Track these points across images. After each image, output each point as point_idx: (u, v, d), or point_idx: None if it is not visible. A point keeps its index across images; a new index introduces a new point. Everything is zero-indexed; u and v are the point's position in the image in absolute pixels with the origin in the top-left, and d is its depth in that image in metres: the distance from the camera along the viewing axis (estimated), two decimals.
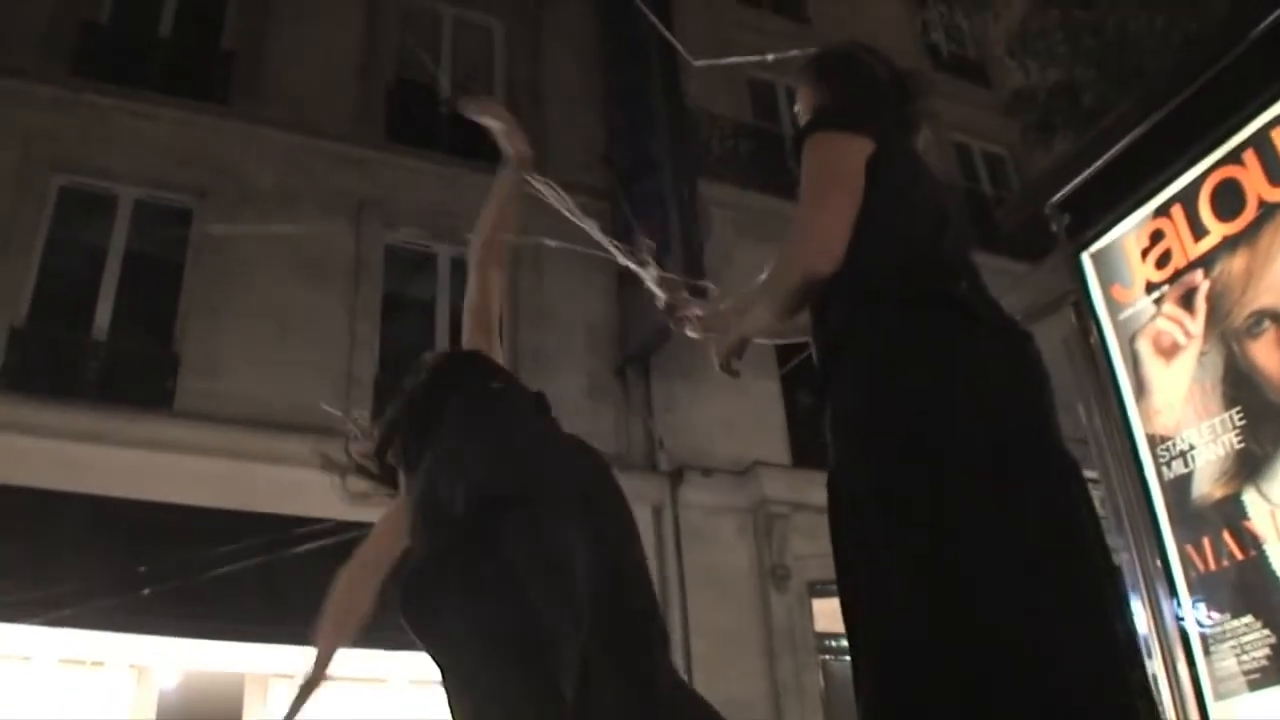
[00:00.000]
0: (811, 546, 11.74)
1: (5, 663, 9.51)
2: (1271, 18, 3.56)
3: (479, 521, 2.37)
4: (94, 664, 9.86)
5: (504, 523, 2.35)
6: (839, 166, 2.44)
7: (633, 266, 3.07)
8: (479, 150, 13.22)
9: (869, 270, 2.35)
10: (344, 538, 10.20)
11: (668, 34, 10.71)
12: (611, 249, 3.14)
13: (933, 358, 2.23)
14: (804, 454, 12.66)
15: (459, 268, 12.50)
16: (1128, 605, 2.25)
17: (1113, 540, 3.95)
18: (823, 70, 2.90)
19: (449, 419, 2.70)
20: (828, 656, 11.78)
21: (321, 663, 2.99)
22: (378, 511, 3.07)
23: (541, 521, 2.35)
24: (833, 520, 2.31)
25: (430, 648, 2.45)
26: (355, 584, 2.95)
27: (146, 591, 9.32)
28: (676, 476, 11.73)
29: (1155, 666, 3.67)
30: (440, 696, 2.39)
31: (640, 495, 11.57)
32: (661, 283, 3.10)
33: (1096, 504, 2.29)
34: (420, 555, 2.58)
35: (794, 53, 3.06)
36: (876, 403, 2.23)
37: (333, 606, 2.98)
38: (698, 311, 3.03)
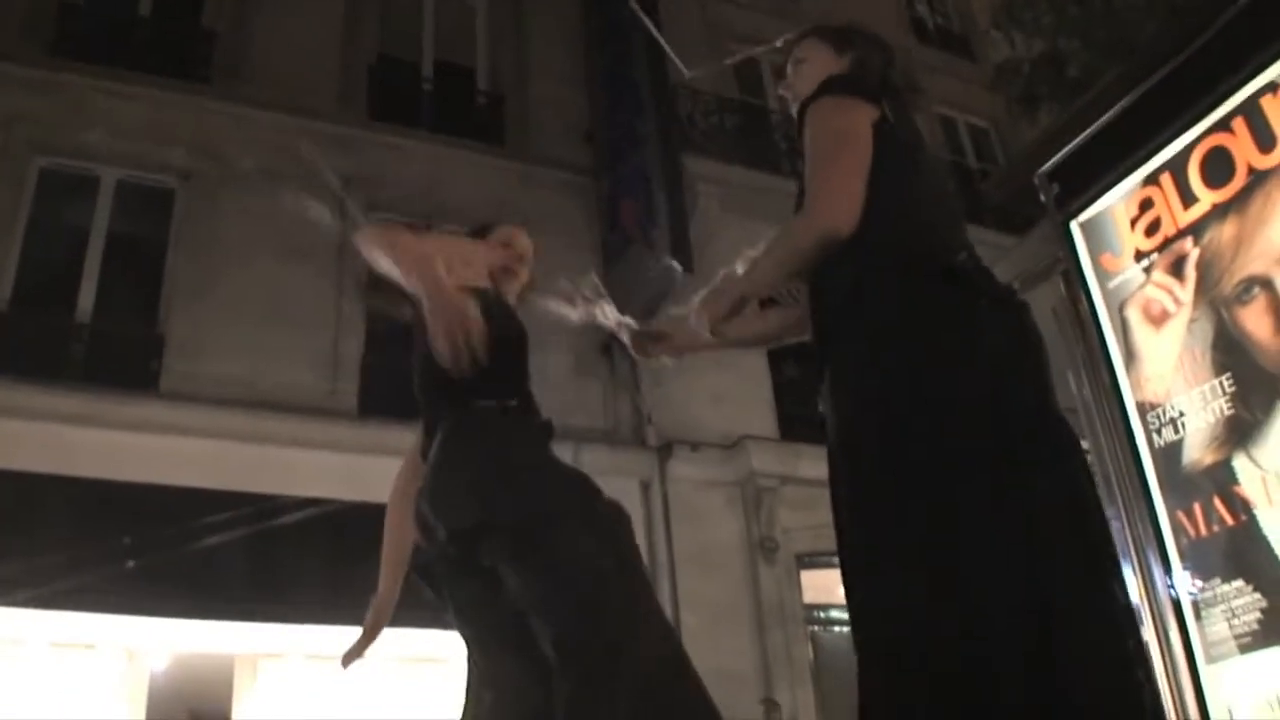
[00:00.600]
0: (800, 519, 11.79)
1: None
2: None
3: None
4: (85, 646, 9.86)
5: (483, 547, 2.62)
6: (848, 129, 2.48)
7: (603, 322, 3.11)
8: (462, 127, 13.23)
9: (874, 239, 2.37)
10: (331, 515, 10.25)
11: (661, 40, 10.69)
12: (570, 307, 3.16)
13: (937, 329, 2.26)
14: (792, 427, 12.70)
15: None
16: (1123, 575, 2.26)
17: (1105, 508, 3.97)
18: (833, 40, 2.91)
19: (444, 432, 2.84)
20: (816, 628, 11.84)
21: (384, 605, 3.12)
22: (368, 490, 3.18)
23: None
24: (835, 485, 2.32)
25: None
26: (396, 522, 3.08)
27: (135, 573, 9.32)
28: (665, 451, 11.74)
29: (1147, 632, 3.69)
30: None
31: (628, 470, 11.60)
32: (620, 328, 3.15)
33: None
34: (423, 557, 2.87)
35: (782, 39, 3.04)
36: (882, 373, 2.25)
37: (387, 549, 3.12)
38: (662, 347, 3.18)
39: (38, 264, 10.59)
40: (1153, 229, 3.91)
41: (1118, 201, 4.06)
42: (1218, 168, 3.70)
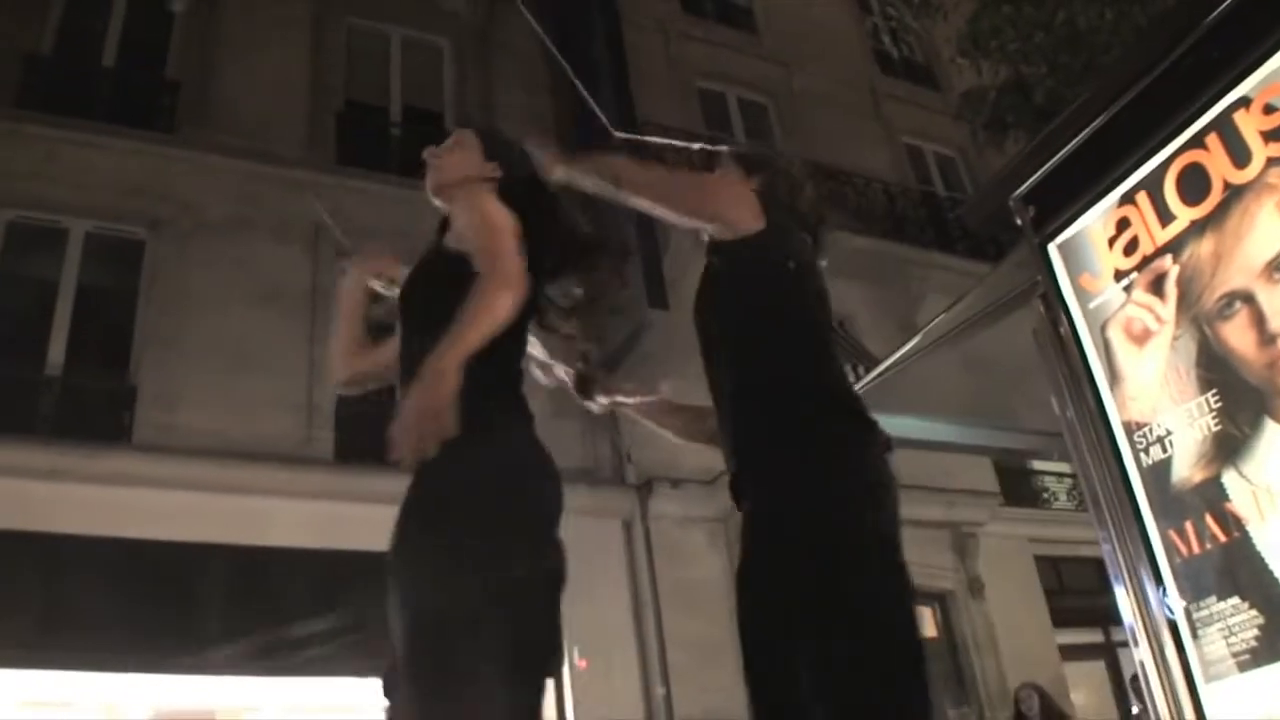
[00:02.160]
0: None
1: None
2: (1227, 1, 3.57)
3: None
4: (62, 705, 9.70)
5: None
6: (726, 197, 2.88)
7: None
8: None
9: (791, 381, 2.65)
10: (310, 565, 10.15)
11: (590, 99, 10.70)
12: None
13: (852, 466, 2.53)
14: None
15: None
16: None
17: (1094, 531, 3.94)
18: (751, 166, 3.10)
19: None
20: None
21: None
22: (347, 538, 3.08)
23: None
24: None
25: None
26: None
27: (112, 629, 9.19)
28: (645, 489, 11.69)
29: (1143, 654, 3.66)
30: None
31: (610, 510, 11.55)
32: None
33: None
34: None
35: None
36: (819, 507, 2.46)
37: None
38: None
39: (6, 317, 10.50)
40: (1131, 248, 3.90)
41: (1095, 221, 4.05)
42: (1194, 184, 3.70)
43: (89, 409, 10.32)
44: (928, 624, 13.01)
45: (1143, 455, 3.77)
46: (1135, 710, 10.15)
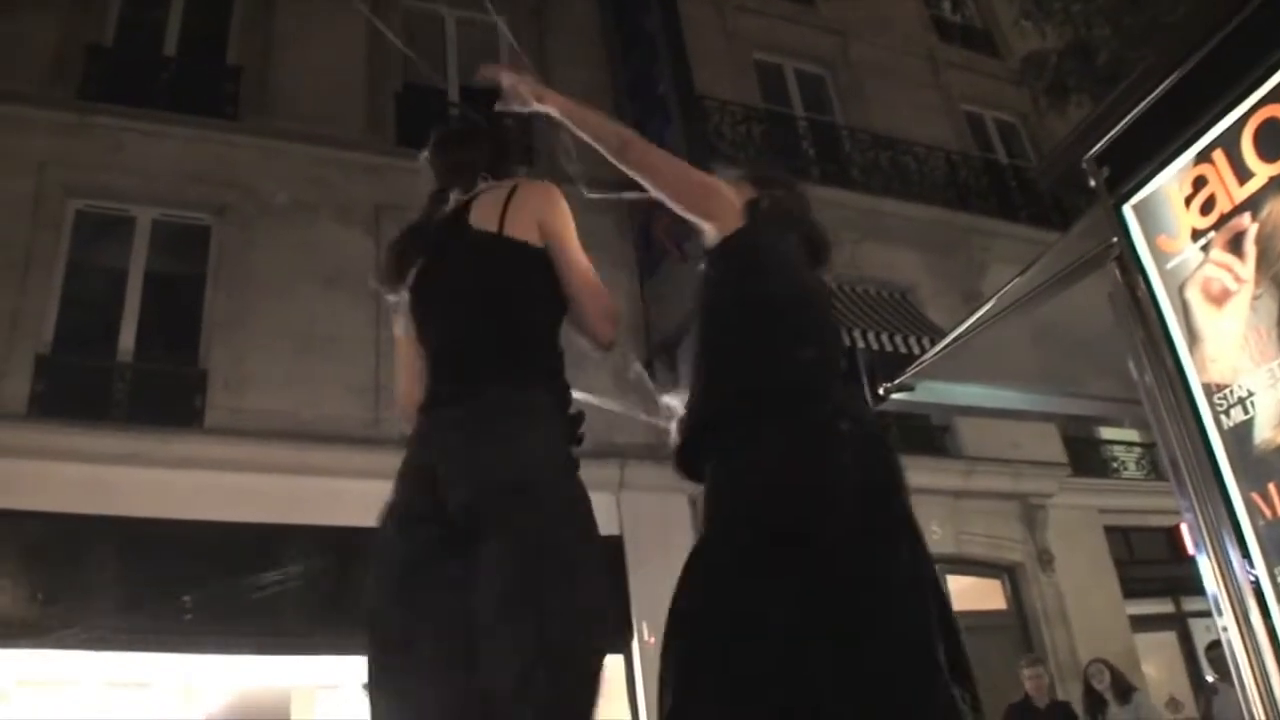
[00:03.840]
0: None
1: (53, 687, 9.53)
2: None
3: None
4: (139, 685, 9.88)
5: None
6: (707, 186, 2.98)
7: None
8: None
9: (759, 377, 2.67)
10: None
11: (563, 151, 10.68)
12: None
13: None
14: None
15: None
16: None
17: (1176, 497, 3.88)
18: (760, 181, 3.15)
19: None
20: None
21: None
22: None
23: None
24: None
25: None
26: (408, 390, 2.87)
27: (188, 610, 9.34)
28: None
29: (1227, 622, 3.59)
30: None
31: (676, 485, 11.45)
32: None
33: None
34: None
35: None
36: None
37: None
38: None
39: (77, 306, 10.66)
40: (1208, 206, 3.82)
41: (1170, 181, 3.97)
42: (1272, 140, 3.61)
43: (161, 394, 10.47)
44: (997, 596, 12.92)
45: (1223, 418, 3.70)
46: (1211, 679, 10.02)
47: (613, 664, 10.87)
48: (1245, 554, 3.56)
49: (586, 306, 2.71)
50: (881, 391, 5.76)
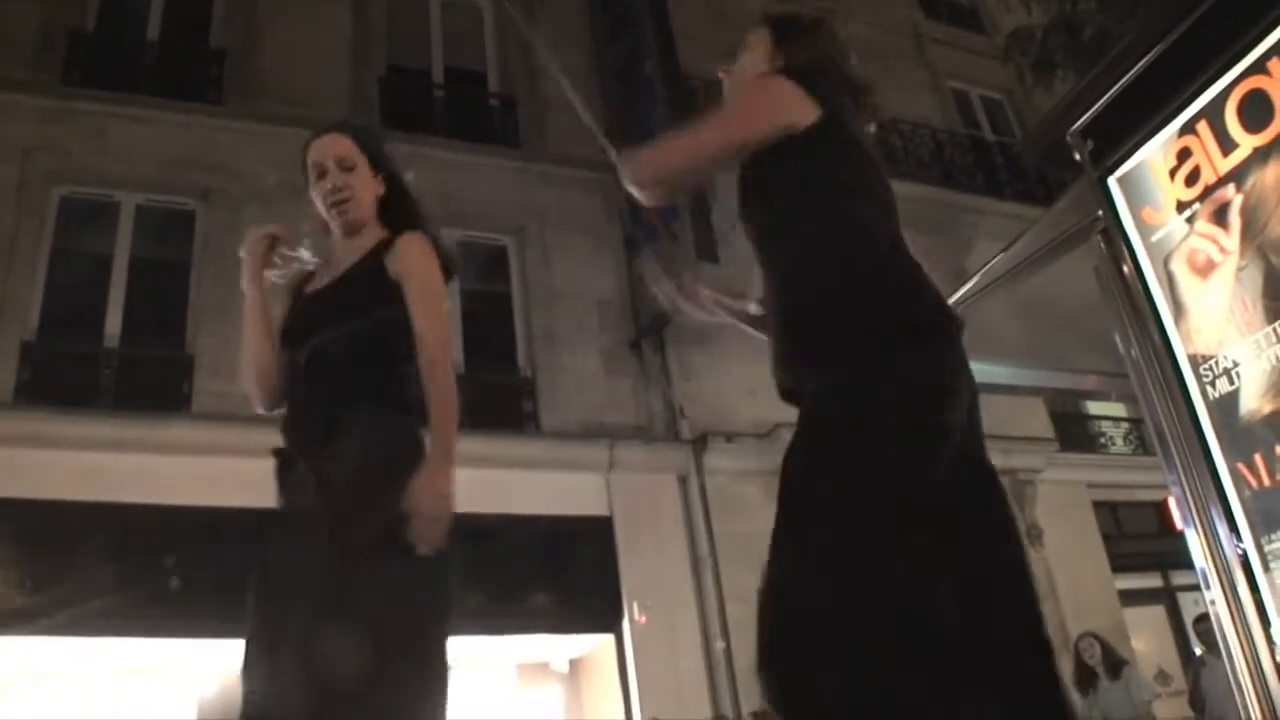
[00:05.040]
0: None
1: (43, 675, 9.53)
2: None
3: None
4: (130, 671, 9.88)
5: None
6: (749, 115, 2.60)
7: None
8: (476, 131, 13.20)
9: (826, 253, 2.46)
10: None
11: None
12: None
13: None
14: None
15: (466, 251, 12.47)
16: None
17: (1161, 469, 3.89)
18: (775, 28, 2.94)
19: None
20: None
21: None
22: None
23: None
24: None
25: None
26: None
27: (179, 595, 9.33)
28: (700, 444, 11.69)
29: (1214, 594, 3.61)
30: None
31: (665, 465, 11.57)
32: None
33: None
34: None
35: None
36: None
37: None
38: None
39: (63, 292, 10.63)
40: (1193, 178, 3.82)
41: (1155, 153, 3.97)
42: (1256, 111, 3.61)
43: (148, 380, 10.45)
44: None
45: (1209, 389, 3.71)
46: (1199, 652, 10.07)
47: (603, 644, 10.93)
48: (1233, 527, 3.57)
49: (435, 339, 2.84)
50: None
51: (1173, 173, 3.88)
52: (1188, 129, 3.85)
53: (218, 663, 9.87)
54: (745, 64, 2.90)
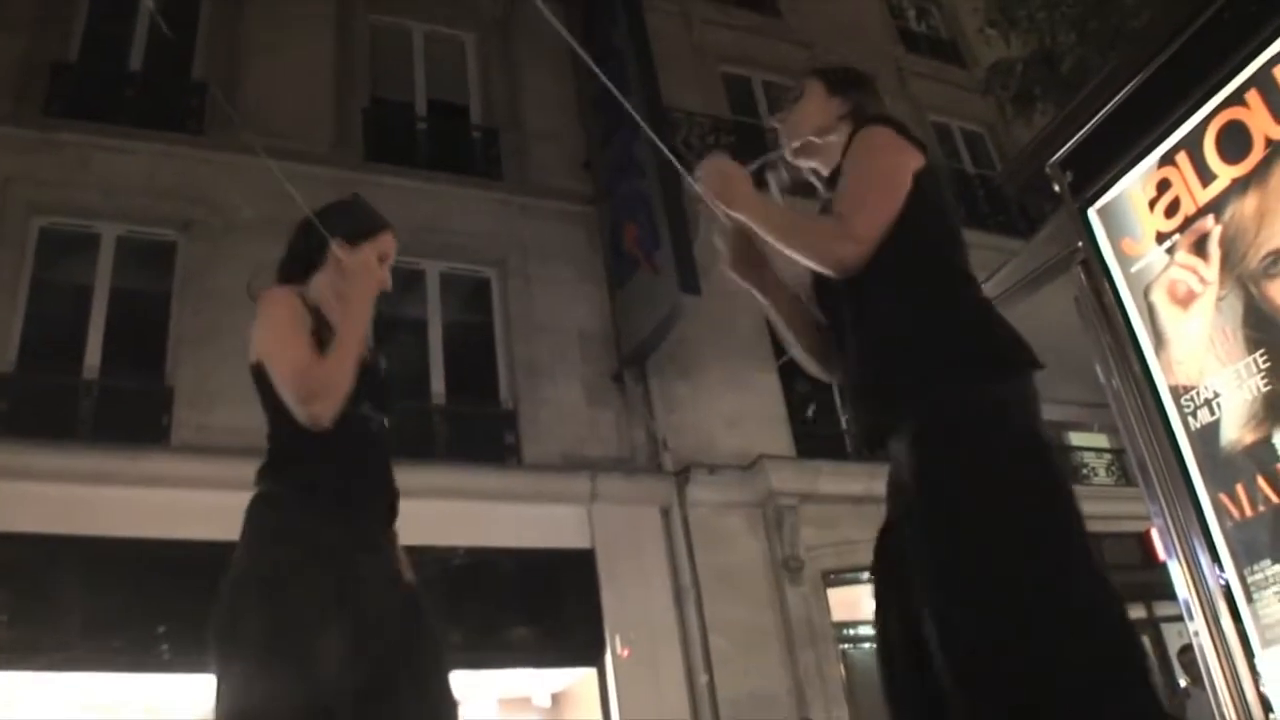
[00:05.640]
0: (823, 536, 11.69)
1: (19, 708, 9.41)
2: None
3: None
4: (110, 707, 9.76)
5: None
6: (899, 171, 2.56)
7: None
8: (458, 163, 13.22)
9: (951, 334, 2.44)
10: None
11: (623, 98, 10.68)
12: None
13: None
14: (808, 445, 12.63)
15: (448, 283, 12.46)
16: None
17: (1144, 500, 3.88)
18: (828, 81, 2.93)
19: None
20: (847, 645, 11.72)
21: None
22: None
23: None
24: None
25: None
26: None
27: (158, 630, 9.24)
28: (683, 476, 11.65)
29: (1198, 625, 3.60)
30: None
31: (647, 497, 11.53)
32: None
33: None
34: None
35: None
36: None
37: None
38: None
39: (42, 323, 10.54)
40: (1172, 209, 3.84)
41: (1134, 184, 3.99)
42: (1235, 142, 3.64)
43: (127, 411, 10.36)
44: None
45: (1190, 419, 3.71)
46: (1183, 684, 10.05)
47: (585, 678, 10.85)
48: (1215, 558, 3.57)
49: (286, 400, 2.80)
50: None
51: (1152, 204, 3.90)
52: (1167, 160, 3.87)
53: (196, 699, 9.77)
54: (802, 110, 2.91)
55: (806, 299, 2.81)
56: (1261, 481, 3.45)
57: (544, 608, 10.78)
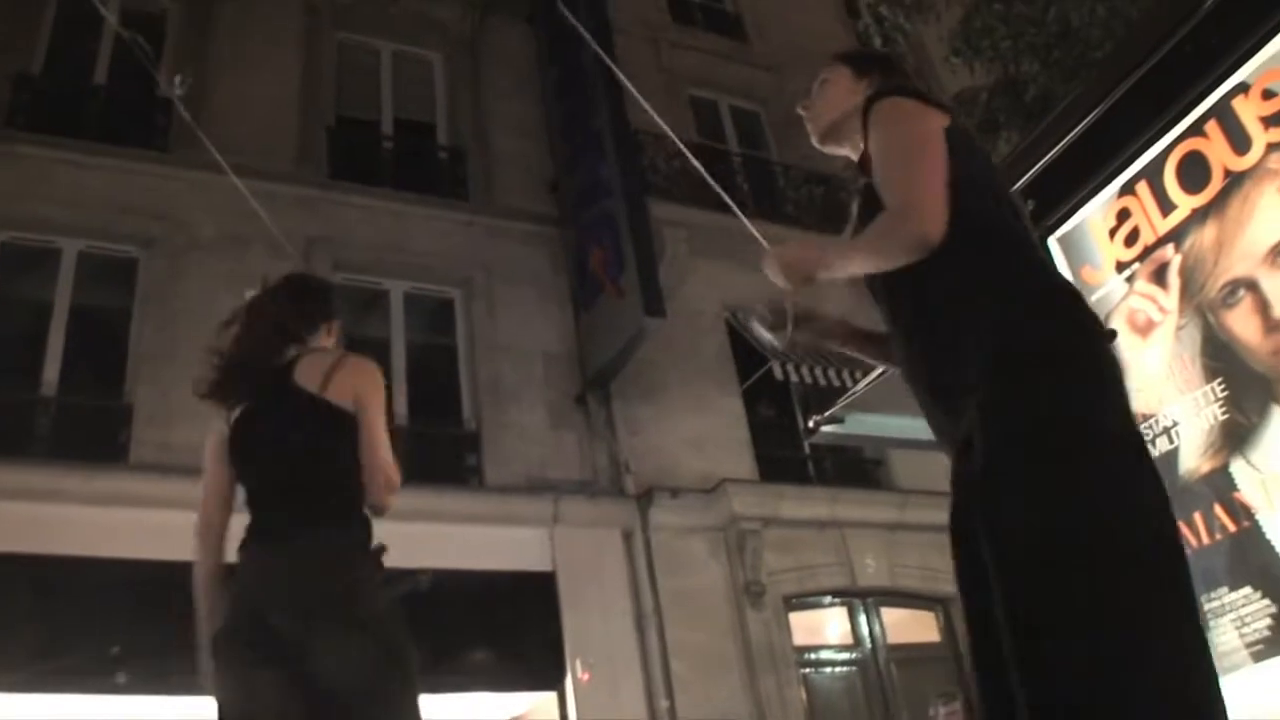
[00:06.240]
0: (785, 561, 11.70)
1: None
2: None
3: None
4: None
5: None
6: (929, 133, 2.40)
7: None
8: (424, 183, 13.19)
9: (987, 257, 2.32)
10: None
11: (621, 78, 10.68)
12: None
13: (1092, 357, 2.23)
14: (771, 469, 12.64)
15: (412, 303, 12.42)
16: None
17: None
18: (853, 64, 2.87)
19: None
20: (809, 670, 11.72)
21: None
22: None
23: None
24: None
25: None
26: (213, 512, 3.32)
27: (115, 651, 9.11)
28: (645, 499, 11.63)
29: None
30: None
31: (609, 521, 11.50)
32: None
33: None
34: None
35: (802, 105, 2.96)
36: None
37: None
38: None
39: (0, 338, 10.43)
40: (1132, 238, 3.87)
41: (1095, 213, 4.03)
42: (1194, 172, 3.68)
43: (85, 429, 10.26)
44: (931, 629, 12.97)
45: (1149, 448, 3.73)
46: None
47: (545, 702, 10.79)
48: None
49: (375, 476, 2.94)
50: (811, 424, 5.77)
51: (1112, 232, 3.93)
52: (1127, 189, 3.91)
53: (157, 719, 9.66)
54: (828, 95, 2.84)
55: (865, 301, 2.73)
56: (1219, 510, 3.48)
57: (504, 631, 10.71)
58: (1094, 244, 4.02)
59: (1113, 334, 2.31)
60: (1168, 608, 1.94)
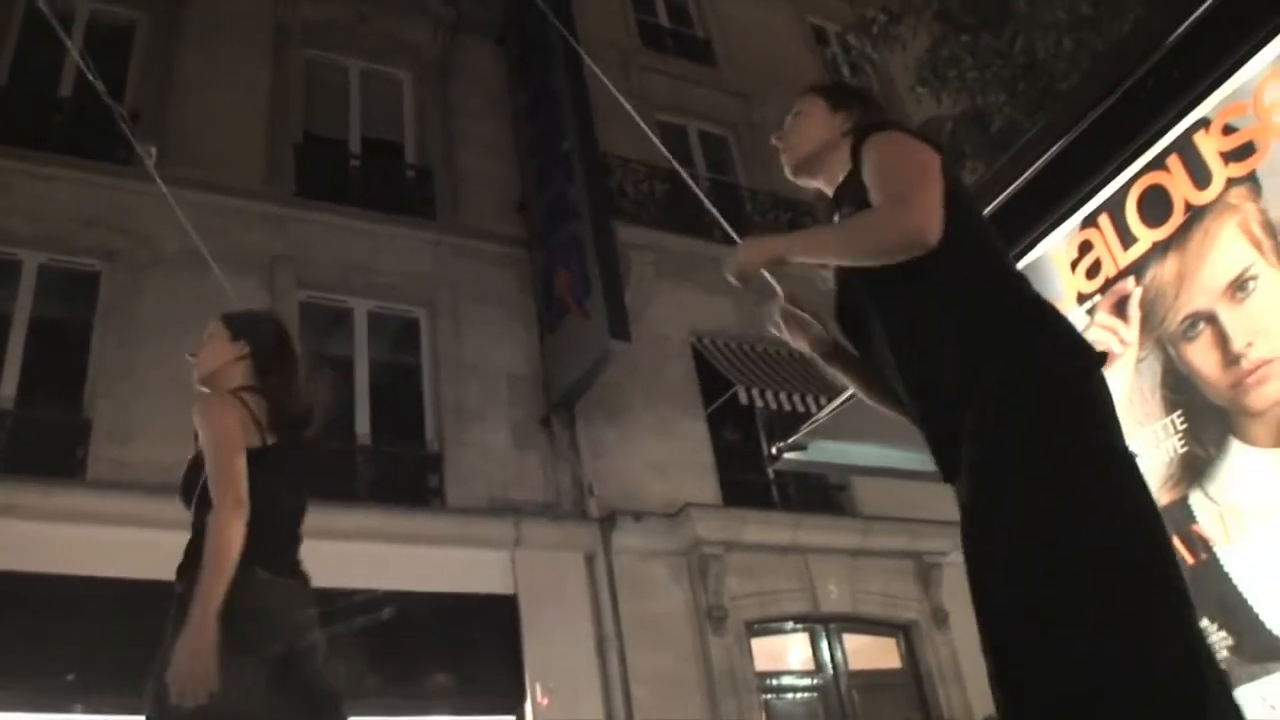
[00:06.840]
0: (747, 586, 11.69)
1: None
2: (1187, 23, 3.56)
3: None
4: None
5: None
6: (929, 163, 2.40)
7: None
8: (391, 202, 13.16)
9: (988, 288, 2.34)
10: None
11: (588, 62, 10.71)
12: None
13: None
14: (734, 494, 12.64)
15: (376, 322, 12.36)
16: None
17: None
18: (828, 97, 2.88)
19: None
20: (770, 696, 11.70)
21: None
22: None
23: None
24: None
25: None
26: None
27: (67, 670, 8.99)
28: (608, 522, 11.60)
29: None
30: None
31: (572, 543, 11.46)
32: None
33: None
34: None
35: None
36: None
37: None
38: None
39: None
40: (1094, 271, 3.90)
41: (1057, 245, 4.05)
42: (1155, 206, 3.71)
43: (42, 444, 10.13)
44: (892, 655, 12.98)
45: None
46: None
47: None
48: None
49: None
50: (775, 451, 5.77)
51: (1074, 264, 3.96)
52: (1089, 222, 3.93)
53: None
54: (803, 127, 2.84)
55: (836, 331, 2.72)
56: (1178, 543, 3.48)
57: (464, 654, 10.64)
58: (1056, 276, 4.04)
59: (1103, 356, 2.36)
60: (1165, 611, 1.99)
